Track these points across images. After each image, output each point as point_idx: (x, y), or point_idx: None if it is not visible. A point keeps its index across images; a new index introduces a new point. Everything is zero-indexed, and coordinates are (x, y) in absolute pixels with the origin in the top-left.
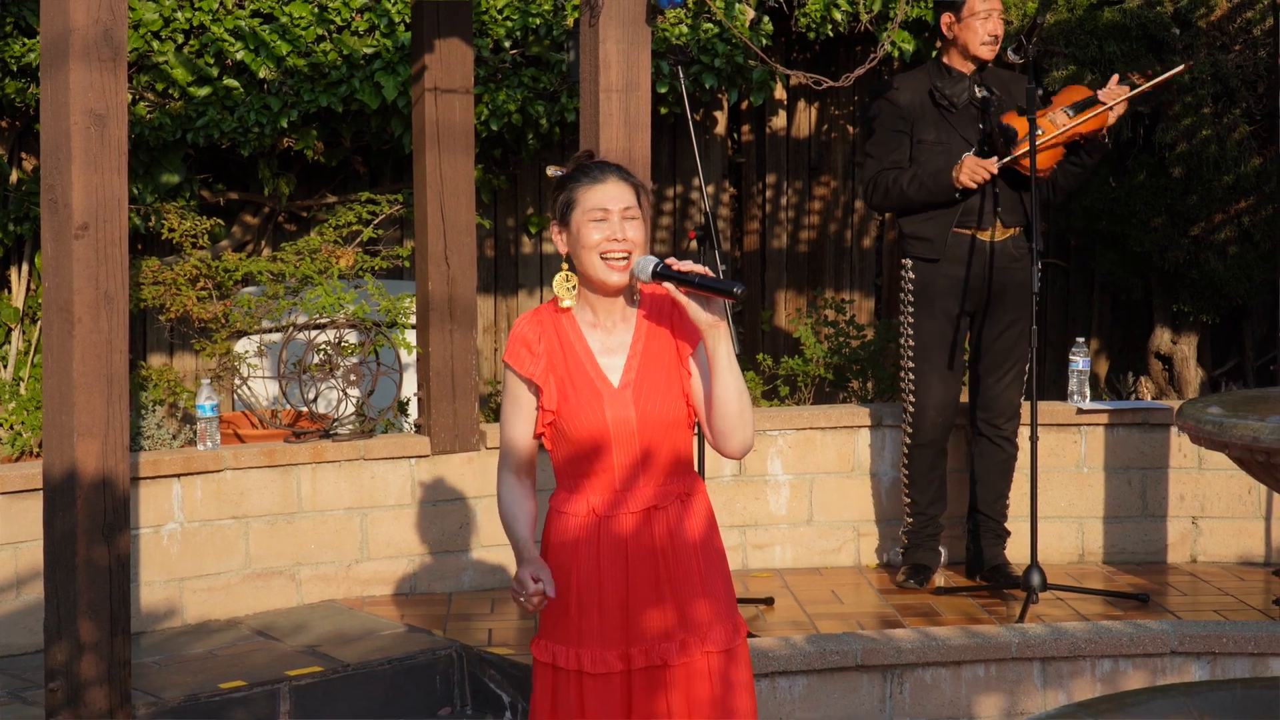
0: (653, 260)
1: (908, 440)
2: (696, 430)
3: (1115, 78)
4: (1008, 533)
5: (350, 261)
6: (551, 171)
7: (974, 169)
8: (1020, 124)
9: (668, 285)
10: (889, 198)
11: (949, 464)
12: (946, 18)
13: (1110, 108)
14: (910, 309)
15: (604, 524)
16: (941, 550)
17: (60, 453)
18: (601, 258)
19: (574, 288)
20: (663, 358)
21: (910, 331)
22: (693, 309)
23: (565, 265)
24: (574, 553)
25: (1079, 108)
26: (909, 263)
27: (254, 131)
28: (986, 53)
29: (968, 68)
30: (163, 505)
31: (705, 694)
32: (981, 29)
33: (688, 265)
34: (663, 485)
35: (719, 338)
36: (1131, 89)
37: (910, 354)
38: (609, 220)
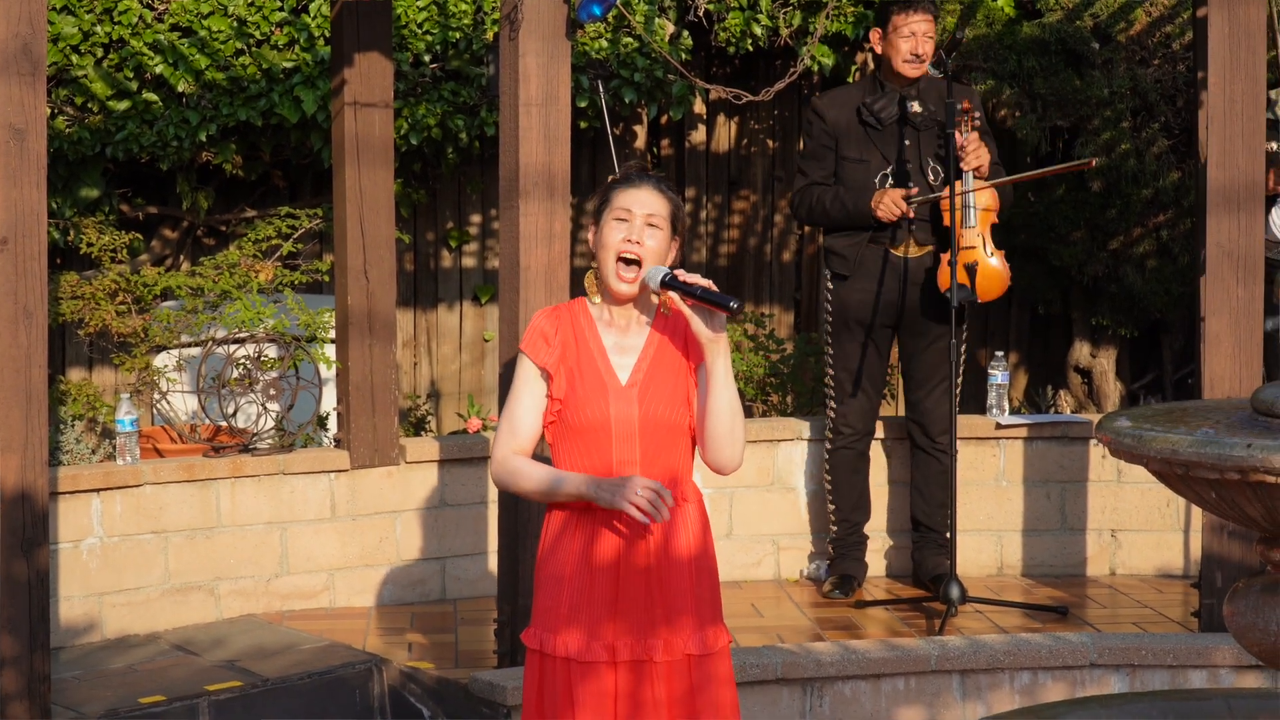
0: (663, 270)
1: (829, 448)
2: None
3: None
4: (948, 541)
5: (269, 276)
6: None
7: (890, 206)
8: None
9: (673, 294)
10: (813, 213)
11: (891, 476)
12: (875, 33)
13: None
14: (829, 322)
15: (599, 519)
16: (867, 563)
17: None
18: (616, 259)
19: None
20: (672, 365)
21: (830, 342)
22: (695, 322)
23: (595, 264)
24: (569, 546)
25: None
26: (829, 276)
27: (173, 145)
28: (909, 70)
29: (898, 83)
30: (82, 520)
31: (687, 690)
32: (904, 47)
33: (694, 278)
34: None
35: (717, 353)
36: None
37: (831, 364)
38: (630, 222)
